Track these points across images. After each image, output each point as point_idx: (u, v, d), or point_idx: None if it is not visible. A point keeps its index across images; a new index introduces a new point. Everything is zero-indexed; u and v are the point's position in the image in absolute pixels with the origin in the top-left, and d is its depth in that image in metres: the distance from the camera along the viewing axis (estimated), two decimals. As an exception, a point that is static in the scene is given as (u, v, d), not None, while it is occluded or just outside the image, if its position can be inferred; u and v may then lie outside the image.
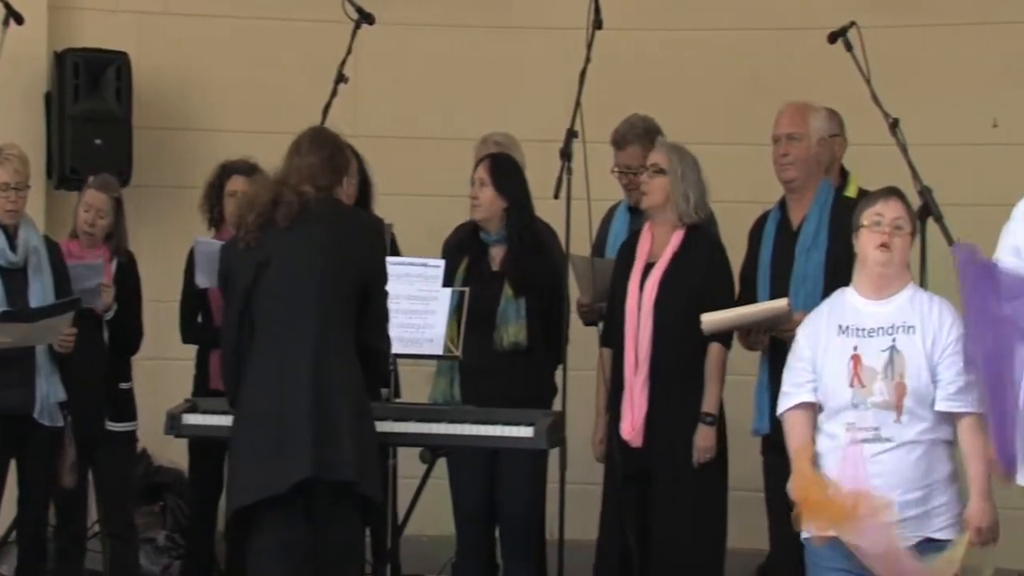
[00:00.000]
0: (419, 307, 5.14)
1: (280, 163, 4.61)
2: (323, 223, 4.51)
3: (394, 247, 5.66)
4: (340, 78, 5.87)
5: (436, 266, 5.26)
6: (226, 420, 4.66)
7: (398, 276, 4.95)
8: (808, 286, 5.23)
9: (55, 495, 5.77)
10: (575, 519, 5.40)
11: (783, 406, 4.58)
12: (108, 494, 6.03)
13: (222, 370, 4.68)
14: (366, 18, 6.00)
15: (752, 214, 5.65)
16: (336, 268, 4.49)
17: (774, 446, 5.13)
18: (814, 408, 4.51)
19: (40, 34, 6.94)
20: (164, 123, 7.31)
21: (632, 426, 5.29)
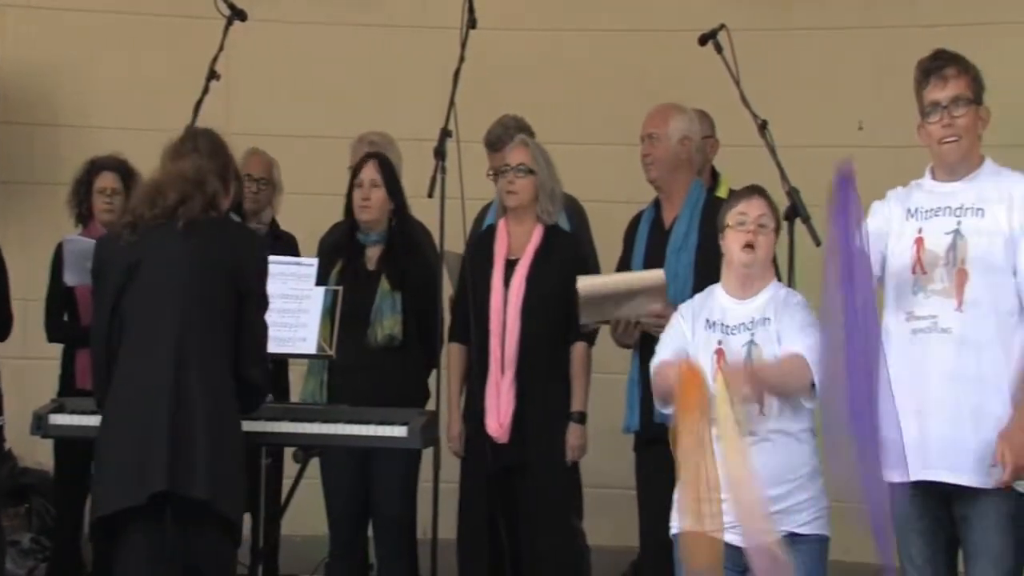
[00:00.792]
0: (292, 306, 5.09)
1: (163, 160, 4.51)
2: (203, 231, 4.41)
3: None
4: (212, 75, 5.80)
5: (310, 265, 5.21)
6: (93, 420, 4.55)
7: (271, 275, 4.89)
8: (679, 285, 5.27)
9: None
10: (448, 518, 5.40)
11: (655, 363, 4.52)
12: (-28, 496, 5.94)
13: (92, 369, 4.56)
14: (238, 15, 5.93)
15: (627, 214, 5.69)
16: (208, 278, 4.37)
17: (646, 443, 5.17)
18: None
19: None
20: (31, 119, 7.19)
21: (500, 423, 5.29)
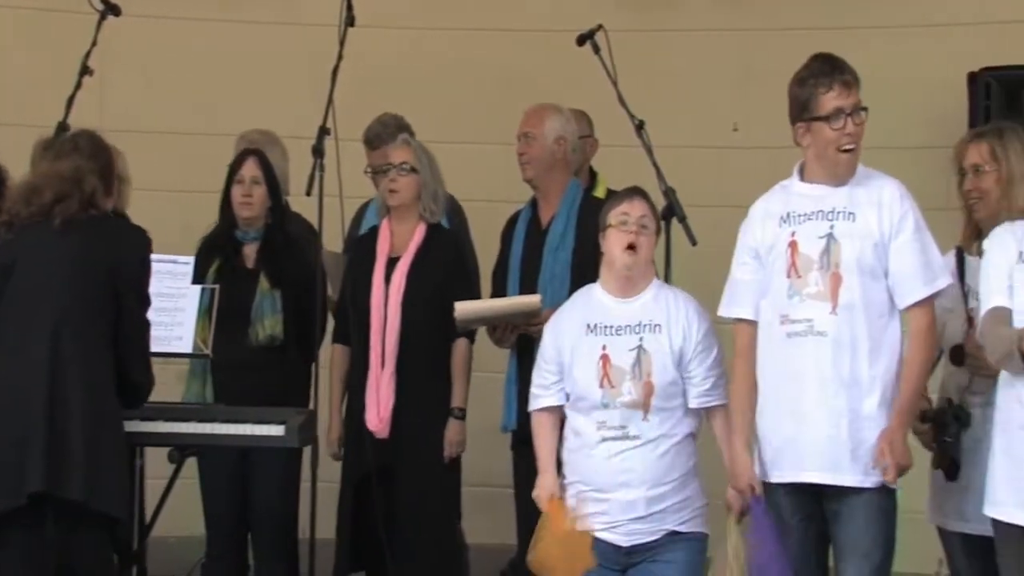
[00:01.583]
0: (168, 304, 5.05)
1: (35, 158, 4.45)
2: (83, 229, 4.38)
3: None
4: (84, 70, 5.72)
5: (186, 263, 5.18)
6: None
7: (146, 273, 4.86)
8: (556, 285, 5.31)
9: None
10: (328, 518, 5.38)
11: (531, 406, 4.70)
12: None
13: None
14: (112, 9, 5.85)
15: (505, 213, 5.72)
16: (87, 276, 4.36)
17: (522, 441, 5.20)
18: (561, 410, 4.62)
19: None
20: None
21: (379, 418, 5.28)
